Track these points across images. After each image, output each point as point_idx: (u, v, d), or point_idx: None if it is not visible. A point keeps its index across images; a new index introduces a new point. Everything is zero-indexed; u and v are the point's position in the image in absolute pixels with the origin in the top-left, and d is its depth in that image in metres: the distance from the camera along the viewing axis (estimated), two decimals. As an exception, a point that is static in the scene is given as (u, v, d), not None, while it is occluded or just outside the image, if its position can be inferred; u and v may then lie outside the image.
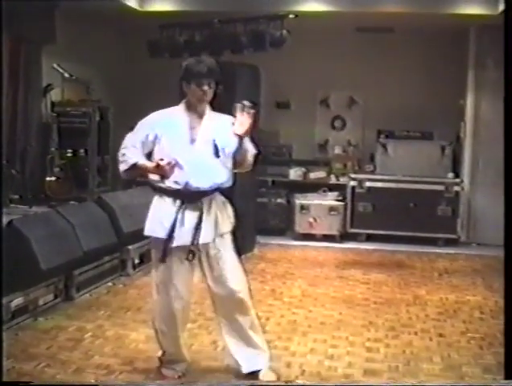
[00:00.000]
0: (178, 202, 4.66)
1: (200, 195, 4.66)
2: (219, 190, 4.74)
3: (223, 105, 4.80)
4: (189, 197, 4.66)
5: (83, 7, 9.55)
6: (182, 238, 4.62)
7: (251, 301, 4.89)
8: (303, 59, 11.14)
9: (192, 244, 4.62)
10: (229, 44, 9.67)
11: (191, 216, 4.64)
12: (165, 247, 4.63)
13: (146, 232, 4.77)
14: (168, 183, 4.63)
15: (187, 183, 4.62)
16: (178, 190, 4.65)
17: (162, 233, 4.66)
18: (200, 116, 4.70)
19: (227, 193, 4.84)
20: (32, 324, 6.13)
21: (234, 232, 4.86)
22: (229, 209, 4.84)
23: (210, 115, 4.74)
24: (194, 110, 4.70)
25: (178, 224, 4.62)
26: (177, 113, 4.74)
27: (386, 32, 11.06)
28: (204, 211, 4.65)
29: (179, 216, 4.63)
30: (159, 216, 4.70)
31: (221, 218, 4.73)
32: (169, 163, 4.42)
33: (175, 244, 4.62)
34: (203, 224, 4.62)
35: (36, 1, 8.89)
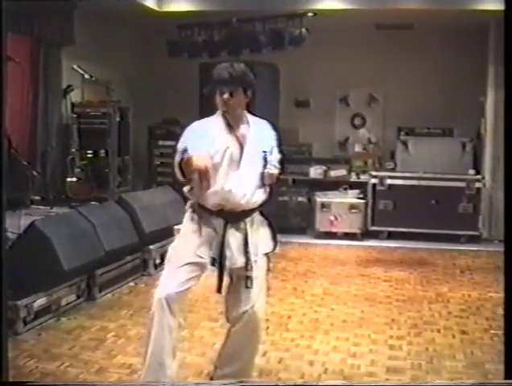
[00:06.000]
0: None
1: None
2: None
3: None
4: None
5: (101, 8, 9.59)
6: None
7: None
8: (323, 57, 11.15)
9: None
10: (248, 43, 9.69)
11: None
12: None
13: None
14: None
15: None
16: None
17: None
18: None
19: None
20: (55, 324, 6.17)
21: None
22: None
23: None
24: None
25: None
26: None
27: (405, 29, 11.03)
28: None
29: None
30: None
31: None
32: None
33: None
34: None
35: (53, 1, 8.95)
